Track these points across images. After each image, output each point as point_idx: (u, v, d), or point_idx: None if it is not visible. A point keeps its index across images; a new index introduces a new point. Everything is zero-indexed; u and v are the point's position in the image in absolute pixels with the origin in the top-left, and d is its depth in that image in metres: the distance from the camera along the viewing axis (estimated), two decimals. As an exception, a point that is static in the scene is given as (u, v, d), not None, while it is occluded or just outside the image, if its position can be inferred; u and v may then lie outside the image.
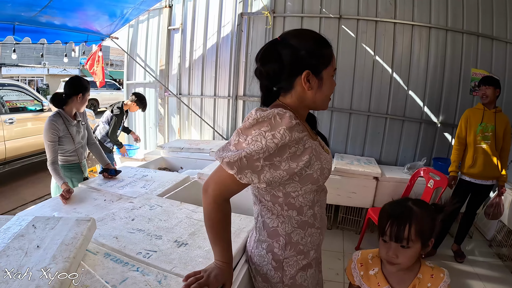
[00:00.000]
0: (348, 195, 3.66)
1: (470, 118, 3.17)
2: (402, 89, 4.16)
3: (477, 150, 3.14)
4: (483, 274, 3.30)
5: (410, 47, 4.08)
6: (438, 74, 4.16)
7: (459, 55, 4.16)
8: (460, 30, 4.10)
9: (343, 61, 4.04)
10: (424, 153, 4.28)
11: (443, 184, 3.21)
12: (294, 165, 1.02)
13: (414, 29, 4.06)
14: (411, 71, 4.13)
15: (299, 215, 1.15)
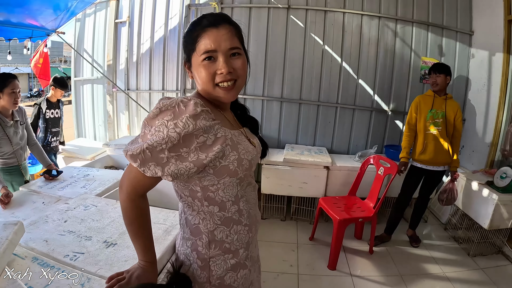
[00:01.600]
0: (299, 185, 3.61)
1: (421, 105, 3.17)
2: (352, 78, 4.13)
3: (427, 136, 3.15)
4: (440, 257, 3.36)
5: (360, 37, 4.06)
6: (388, 63, 4.17)
7: (409, 44, 4.20)
8: (410, 19, 4.13)
9: (292, 52, 3.98)
10: (376, 141, 4.29)
11: (393, 171, 3.19)
12: (203, 156, 0.96)
13: (363, 18, 4.04)
14: (361, 60, 4.11)
15: (221, 211, 1.09)
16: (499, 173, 3.42)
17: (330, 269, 2.99)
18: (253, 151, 1.13)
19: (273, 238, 3.38)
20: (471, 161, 4.32)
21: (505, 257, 3.55)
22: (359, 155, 3.87)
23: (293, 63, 3.99)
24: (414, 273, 3.04)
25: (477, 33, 4.35)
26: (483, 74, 4.20)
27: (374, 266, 3.11)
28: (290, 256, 3.12)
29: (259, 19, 3.89)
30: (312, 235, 3.46)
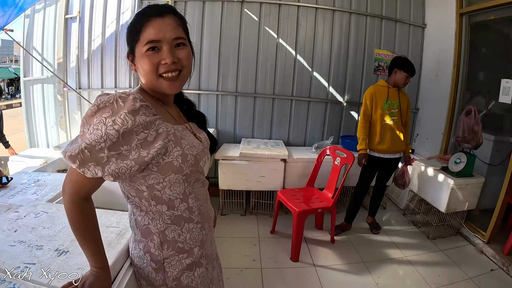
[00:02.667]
0: (257, 179, 3.55)
1: (376, 96, 3.20)
2: (306, 71, 4.13)
3: (384, 126, 3.19)
4: (400, 242, 3.47)
5: (314, 30, 4.07)
6: (342, 55, 4.20)
7: (363, 36, 4.25)
8: (364, 13, 4.18)
9: (246, 45, 3.92)
10: (332, 132, 4.32)
11: (349, 161, 3.22)
12: (144, 153, 0.92)
13: (318, 12, 4.04)
14: (315, 53, 4.11)
15: (170, 209, 1.06)
16: (453, 159, 3.51)
17: (293, 260, 2.96)
18: (198, 146, 1.11)
19: (234, 234, 3.33)
20: (425, 148, 4.41)
21: (463, 238, 3.70)
22: (315, 146, 3.87)
23: (248, 57, 3.94)
24: (376, 259, 3.10)
25: (430, 26, 4.46)
26: (435, 66, 4.30)
27: (336, 255, 3.12)
28: (253, 250, 3.08)
29: (213, 12, 3.81)
30: (273, 228, 3.42)
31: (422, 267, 3.05)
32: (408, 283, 2.84)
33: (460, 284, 2.90)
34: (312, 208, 3.07)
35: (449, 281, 2.90)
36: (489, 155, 3.85)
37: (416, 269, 3.01)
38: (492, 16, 3.72)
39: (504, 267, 3.17)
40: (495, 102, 3.77)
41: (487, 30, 4.08)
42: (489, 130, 3.90)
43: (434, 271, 3.02)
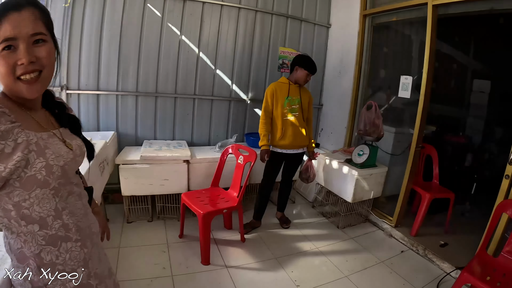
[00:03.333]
0: (160, 183, 3.35)
1: (277, 92, 3.19)
2: (209, 69, 4.02)
3: (285, 122, 3.19)
4: (311, 234, 3.52)
5: (218, 27, 3.97)
6: (246, 53, 4.17)
7: (268, 34, 4.26)
8: (270, 11, 4.19)
9: (148, 42, 3.70)
10: (236, 130, 4.26)
11: (252, 159, 3.15)
12: (1, 167, 0.80)
13: (223, 9, 3.96)
14: (218, 51, 4.02)
15: (42, 229, 0.92)
16: (356, 151, 3.60)
17: (204, 264, 2.83)
18: (67, 155, 0.98)
19: (142, 242, 3.11)
20: (330, 142, 4.51)
21: (372, 224, 3.87)
22: (219, 145, 3.78)
23: (149, 54, 3.72)
24: (288, 254, 3.10)
25: (334, 26, 4.60)
26: (339, 63, 4.42)
27: (248, 254, 3.06)
28: (162, 258, 2.89)
29: (114, 7, 3.51)
30: (181, 233, 3.25)
31: (334, 256, 3.10)
32: (322, 273, 2.85)
33: (373, 268, 2.99)
34: (217, 209, 2.95)
35: (362, 266, 2.98)
36: (391, 145, 4.02)
37: (328, 259, 3.04)
38: (394, 18, 3.89)
39: (414, 247, 3.36)
40: (395, 97, 3.94)
41: (389, 30, 4.28)
42: (391, 123, 4.08)
43: (347, 259, 3.09)
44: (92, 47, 3.46)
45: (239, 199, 3.08)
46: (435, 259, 3.13)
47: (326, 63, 4.67)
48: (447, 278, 2.91)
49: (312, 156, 3.49)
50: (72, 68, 3.43)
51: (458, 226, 3.83)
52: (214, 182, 3.37)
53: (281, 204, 3.66)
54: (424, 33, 3.35)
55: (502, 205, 2.52)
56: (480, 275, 2.24)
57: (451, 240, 3.50)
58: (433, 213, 4.02)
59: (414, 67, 3.85)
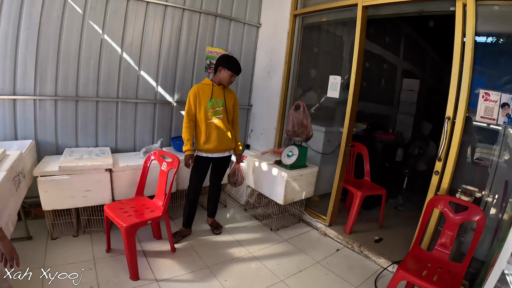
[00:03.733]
0: (83, 194, 3.12)
1: (199, 94, 3.08)
2: (133, 70, 3.82)
3: (209, 125, 3.10)
4: (244, 238, 3.47)
5: (143, 26, 3.78)
6: (172, 53, 4.04)
7: (195, 34, 4.16)
8: (198, 10, 4.09)
9: (67, 42, 3.42)
10: (162, 134, 4.12)
11: (175, 165, 3.00)
12: None
13: (148, 6, 3.77)
14: (143, 51, 3.83)
15: None
16: (285, 152, 3.61)
17: (133, 279, 2.66)
18: None
19: (67, 260, 2.85)
20: (260, 143, 4.51)
21: (306, 224, 3.90)
22: (143, 151, 3.61)
23: (69, 55, 3.44)
24: (221, 261, 3.01)
25: (264, 26, 4.58)
26: (268, 63, 4.42)
27: (179, 265, 2.93)
28: (89, 276, 2.67)
29: (33, 3, 3.21)
30: (108, 247, 3.05)
31: (269, 261, 3.07)
32: (257, 279, 2.81)
33: (309, 269, 2.99)
34: (141, 221, 2.78)
35: (297, 269, 2.97)
36: (321, 145, 4.07)
37: (263, 264, 3.00)
38: (324, 18, 3.93)
39: (349, 245, 3.43)
40: (325, 97, 3.99)
41: (319, 31, 4.32)
42: (320, 122, 4.14)
43: (282, 262, 3.06)
44: (8, 47, 3.15)
45: (164, 208, 2.93)
46: (371, 255, 3.22)
47: (255, 63, 4.65)
48: (384, 273, 2.99)
49: (240, 159, 3.43)
50: (-15, 71, 3.12)
51: (392, 220, 3.97)
52: (139, 191, 3.21)
53: (211, 209, 3.58)
54: (353, 33, 3.41)
55: (433, 200, 2.63)
56: (416, 271, 2.30)
57: (385, 235, 3.62)
58: (366, 209, 4.16)
59: (344, 67, 3.92)
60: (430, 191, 2.81)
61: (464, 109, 2.60)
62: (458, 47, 2.62)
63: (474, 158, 2.76)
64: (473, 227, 2.52)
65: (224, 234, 3.52)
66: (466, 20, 2.58)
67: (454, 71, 2.65)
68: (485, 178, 2.65)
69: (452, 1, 2.69)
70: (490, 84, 2.58)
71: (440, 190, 2.73)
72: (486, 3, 2.53)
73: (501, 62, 2.62)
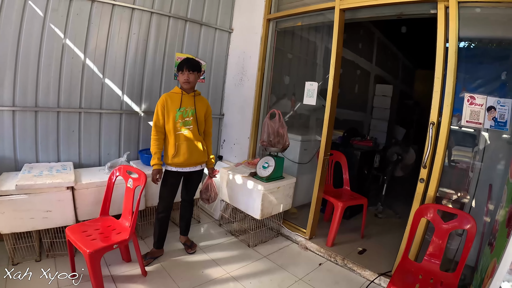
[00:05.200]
0: (43, 215, 2.84)
1: (167, 104, 2.89)
2: (97, 78, 3.55)
3: (178, 137, 2.90)
4: (220, 257, 3.28)
5: (108, 29, 3.53)
6: (139, 59, 3.81)
7: (164, 39, 3.97)
8: (167, 14, 3.90)
9: (27, 46, 3.13)
10: (129, 147, 3.87)
11: (142, 181, 2.77)
12: None
13: (114, 9, 3.53)
14: (107, 57, 3.58)
15: None
16: (261, 163, 3.48)
17: None
18: None
19: None
20: (233, 154, 4.37)
21: (285, 238, 3.74)
22: (108, 166, 3.36)
23: (28, 61, 3.14)
24: (197, 284, 2.79)
25: (237, 31, 4.45)
26: (240, 70, 4.29)
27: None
28: None
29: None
30: (72, 269, 2.73)
31: (248, 280, 2.90)
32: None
33: (291, 287, 2.84)
34: (107, 245, 2.54)
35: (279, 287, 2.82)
36: (298, 154, 3.96)
37: (242, 285, 2.83)
38: (299, 22, 3.82)
39: (332, 258, 3.30)
40: (300, 104, 3.88)
41: (294, 36, 4.22)
42: (296, 131, 4.03)
43: (262, 281, 2.90)
44: None
45: (131, 229, 2.70)
46: (355, 267, 3.11)
47: (227, 70, 4.49)
48: (371, 285, 2.88)
49: (212, 173, 3.25)
50: None
51: (373, 228, 3.90)
52: (103, 211, 2.96)
53: (183, 227, 3.36)
54: (329, 39, 3.32)
55: (421, 209, 2.56)
56: (408, 286, 2.22)
57: (368, 245, 3.55)
58: (347, 218, 4.06)
59: (319, 73, 3.83)
60: (415, 200, 2.74)
61: (449, 113, 2.56)
62: (441, 51, 2.57)
63: (457, 163, 2.73)
64: (459, 233, 2.47)
65: (198, 253, 3.30)
66: (449, 23, 2.53)
67: (437, 74, 2.60)
68: (468, 182, 2.65)
69: (433, 4, 2.65)
70: (473, 87, 2.56)
71: (427, 198, 2.66)
72: (469, 5, 2.49)
73: (485, 65, 2.60)
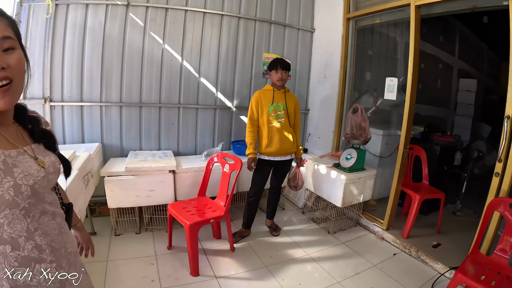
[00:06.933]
0: (147, 194, 3.29)
1: (261, 100, 3.18)
2: (193, 77, 3.98)
3: (271, 129, 3.17)
4: (302, 240, 3.48)
5: (201, 35, 3.95)
6: (230, 60, 4.15)
7: (251, 41, 4.24)
8: (253, 18, 4.18)
9: (130, 52, 3.66)
10: (222, 138, 4.23)
11: (237, 167, 3.11)
12: None
13: (205, 16, 3.93)
14: (202, 58, 3.99)
15: (14, 250, 0.85)
16: (344, 155, 3.59)
17: (193, 275, 2.77)
18: (37, 173, 0.92)
19: (130, 255, 3.03)
20: (318, 147, 4.49)
21: (363, 228, 3.83)
22: (205, 154, 3.74)
23: (132, 64, 3.68)
24: (279, 262, 3.03)
25: (318, 30, 4.59)
26: (324, 67, 4.42)
27: (238, 263, 3.00)
28: (150, 270, 2.82)
29: (96, 17, 3.47)
30: (169, 244, 3.18)
31: (326, 263, 3.05)
32: (314, 280, 2.81)
33: (365, 272, 2.94)
34: (204, 219, 2.89)
35: (354, 271, 2.94)
36: (379, 148, 4.01)
37: (320, 265, 3.00)
38: (377, 20, 3.89)
39: (406, 250, 3.33)
40: (381, 99, 3.93)
41: (373, 33, 4.28)
42: (378, 125, 4.08)
43: (339, 264, 3.04)
44: (75, 58, 3.42)
45: (226, 208, 3.03)
46: (428, 260, 3.10)
47: (311, 67, 4.67)
48: (441, 279, 2.88)
49: (300, 163, 3.45)
50: (55, 79, 3.38)
51: (450, 225, 3.82)
52: (201, 192, 3.33)
53: (270, 211, 3.61)
54: (408, 34, 3.35)
55: (493, 203, 2.51)
56: (474, 275, 2.22)
57: (443, 240, 3.48)
58: (424, 214, 4.02)
59: (399, 68, 3.86)
60: (490, 194, 2.67)
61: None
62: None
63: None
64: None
65: (282, 236, 3.54)
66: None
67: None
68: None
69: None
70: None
71: (501, 192, 2.58)
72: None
73: None
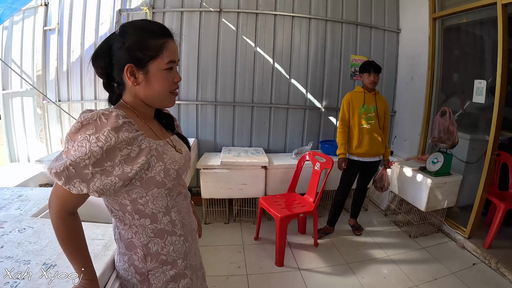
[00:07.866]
0: (239, 187, 3.57)
1: (352, 101, 3.27)
2: (284, 79, 4.19)
3: (362, 130, 3.26)
4: (383, 242, 3.54)
5: (291, 38, 4.13)
6: (319, 62, 4.28)
7: (339, 43, 4.33)
8: (340, 20, 4.27)
9: (224, 55, 3.96)
10: (311, 137, 4.37)
11: (329, 165, 3.27)
12: (128, 169, 0.94)
13: (294, 20, 4.12)
14: (292, 60, 4.17)
15: (153, 223, 1.07)
16: (430, 159, 3.58)
17: (278, 265, 2.98)
18: (180, 160, 1.12)
19: (219, 242, 3.33)
20: (403, 150, 4.49)
21: (444, 235, 3.78)
22: (295, 152, 3.92)
23: (226, 66, 3.97)
24: (359, 260, 3.14)
25: (404, 31, 4.56)
26: (411, 69, 4.39)
27: (320, 258, 3.15)
28: (237, 257, 3.08)
29: (191, 23, 3.85)
30: (256, 235, 3.43)
31: (405, 265, 3.10)
32: (392, 281, 2.88)
33: (443, 279, 2.95)
34: (294, 213, 3.09)
35: (432, 277, 2.95)
36: (466, 153, 3.93)
37: (399, 268, 3.06)
38: (464, 19, 3.81)
39: (486, 261, 3.25)
40: (469, 102, 3.86)
41: (460, 33, 4.18)
42: (465, 130, 3.98)
43: (417, 269, 3.07)
44: None
45: (315, 205, 3.20)
46: (507, 273, 3.01)
47: (398, 69, 4.65)
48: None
49: (387, 164, 3.51)
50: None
51: (537, 239, 3.68)
52: (291, 188, 3.53)
53: (354, 211, 3.72)
54: (495, 33, 3.25)
55: None
56: None
57: None
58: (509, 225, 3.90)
59: (487, 69, 3.75)
60: None
61: None
62: None
63: None
64: None
65: (364, 235, 3.63)
66: None
67: None
68: None
69: None
70: None
71: None
72: None
73: None
